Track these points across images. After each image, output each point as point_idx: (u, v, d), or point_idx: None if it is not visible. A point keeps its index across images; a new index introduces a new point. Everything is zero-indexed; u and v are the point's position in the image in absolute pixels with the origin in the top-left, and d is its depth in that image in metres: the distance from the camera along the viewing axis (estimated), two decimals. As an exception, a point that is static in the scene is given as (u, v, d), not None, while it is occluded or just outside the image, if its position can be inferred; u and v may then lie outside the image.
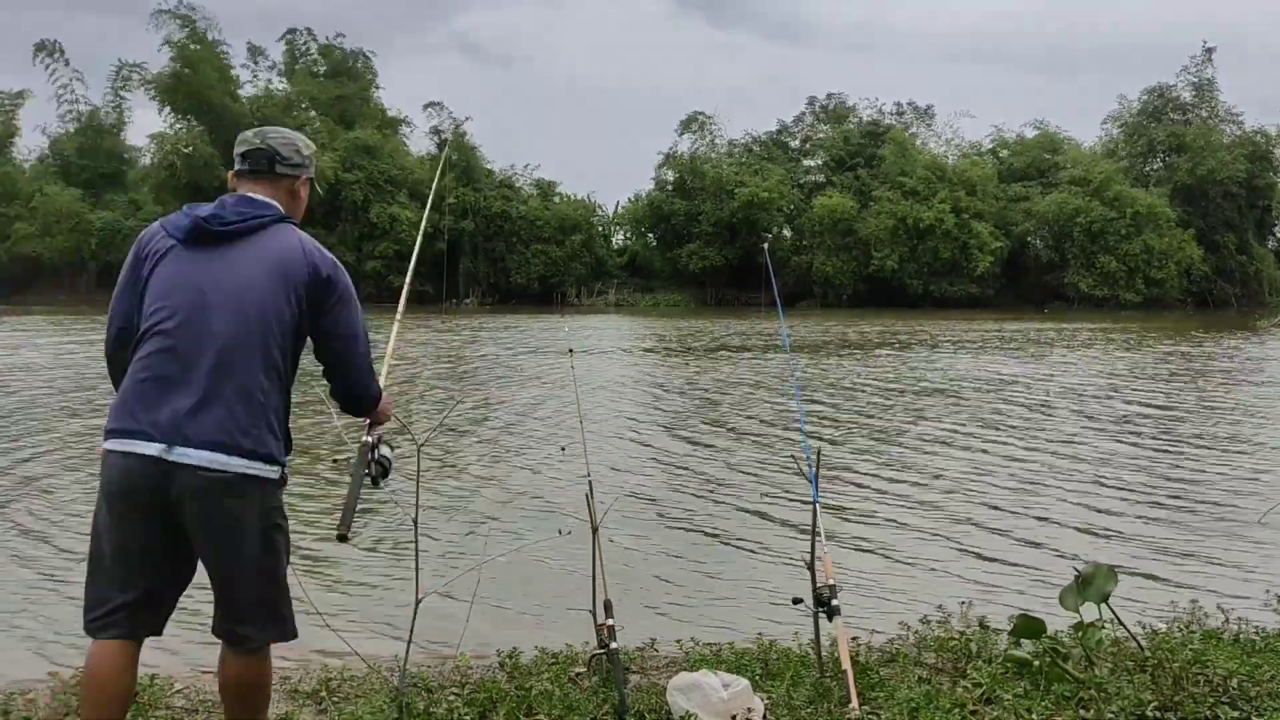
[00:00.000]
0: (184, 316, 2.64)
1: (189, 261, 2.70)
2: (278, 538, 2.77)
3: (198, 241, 2.71)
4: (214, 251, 2.70)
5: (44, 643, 4.89)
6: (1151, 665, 3.65)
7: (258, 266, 2.68)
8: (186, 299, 2.66)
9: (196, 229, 2.71)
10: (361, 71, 51.49)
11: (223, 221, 2.72)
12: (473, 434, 11.40)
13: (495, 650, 4.15)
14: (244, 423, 2.61)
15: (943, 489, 8.80)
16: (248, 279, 2.67)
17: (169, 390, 2.60)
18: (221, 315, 2.63)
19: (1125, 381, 17.50)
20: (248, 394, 2.62)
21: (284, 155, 2.88)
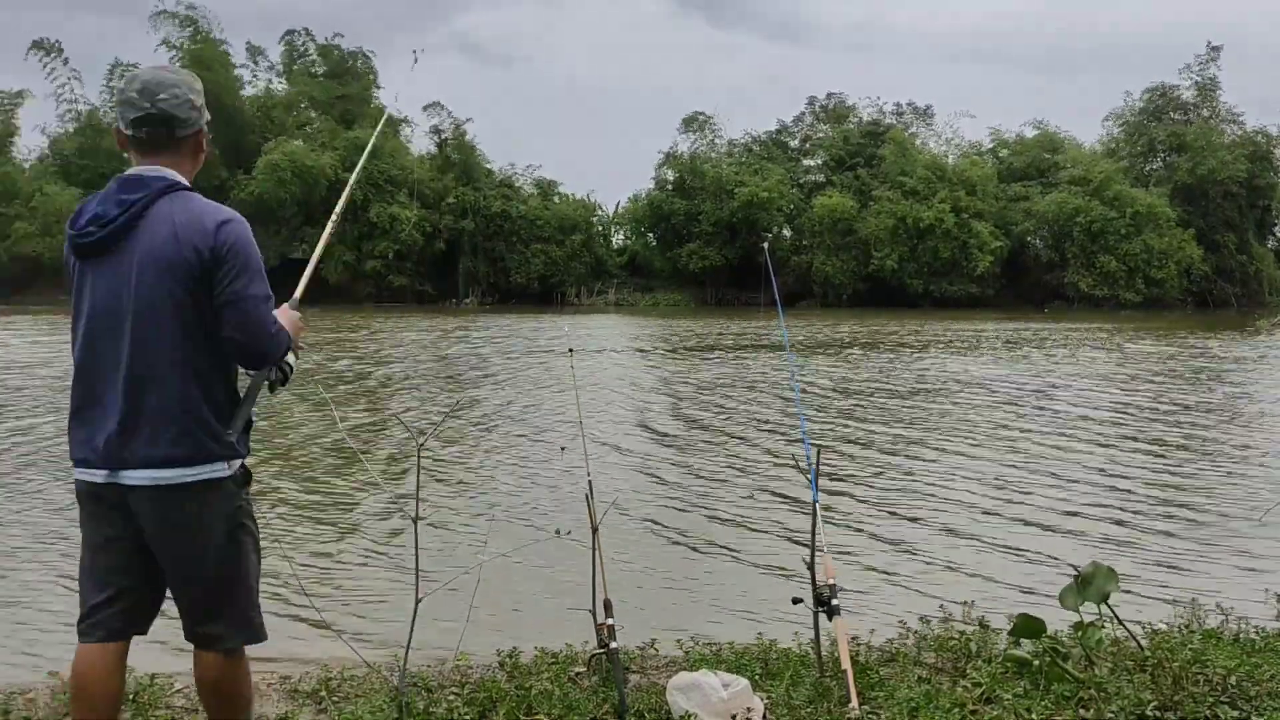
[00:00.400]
0: (87, 344, 2.61)
1: (88, 280, 2.61)
2: (243, 538, 2.72)
3: (86, 255, 2.60)
4: (103, 261, 2.58)
5: (44, 643, 4.90)
6: (1151, 665, 3.65)
7: (144, 272, 2.54)
8: (88, 325, 2.60)
9: (78, 247, 2.60)
10: (362, 72, 51.50)
11: (101, 223, 2.56)
12: (473, 434, 11.40)
13: (495, 650, 4.15)
14: (172, 433, 2.55)
15: (942, 488, 8.80)
16: (136, 290, 2.54)
17: (95, 419, 2.59)
18: (122, 336, 2.55)
19: (1125, 381, 17.50)
20: (166, 405, 2.55)
21: (181, 118, 2.62)
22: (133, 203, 2.56)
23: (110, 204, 2.57)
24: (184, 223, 2.55)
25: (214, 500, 2.62)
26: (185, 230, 2.54)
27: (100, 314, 2.58)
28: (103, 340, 2.58)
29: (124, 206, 2.55)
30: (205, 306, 2.57)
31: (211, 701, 2.80)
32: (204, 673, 2.76)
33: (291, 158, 42.19)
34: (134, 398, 2.55)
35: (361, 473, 8.97)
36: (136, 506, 2.59)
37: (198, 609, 2.71)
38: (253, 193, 42.09)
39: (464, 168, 48.49)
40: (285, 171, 41.87)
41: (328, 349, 22.06)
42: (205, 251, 2.53)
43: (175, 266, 2.53)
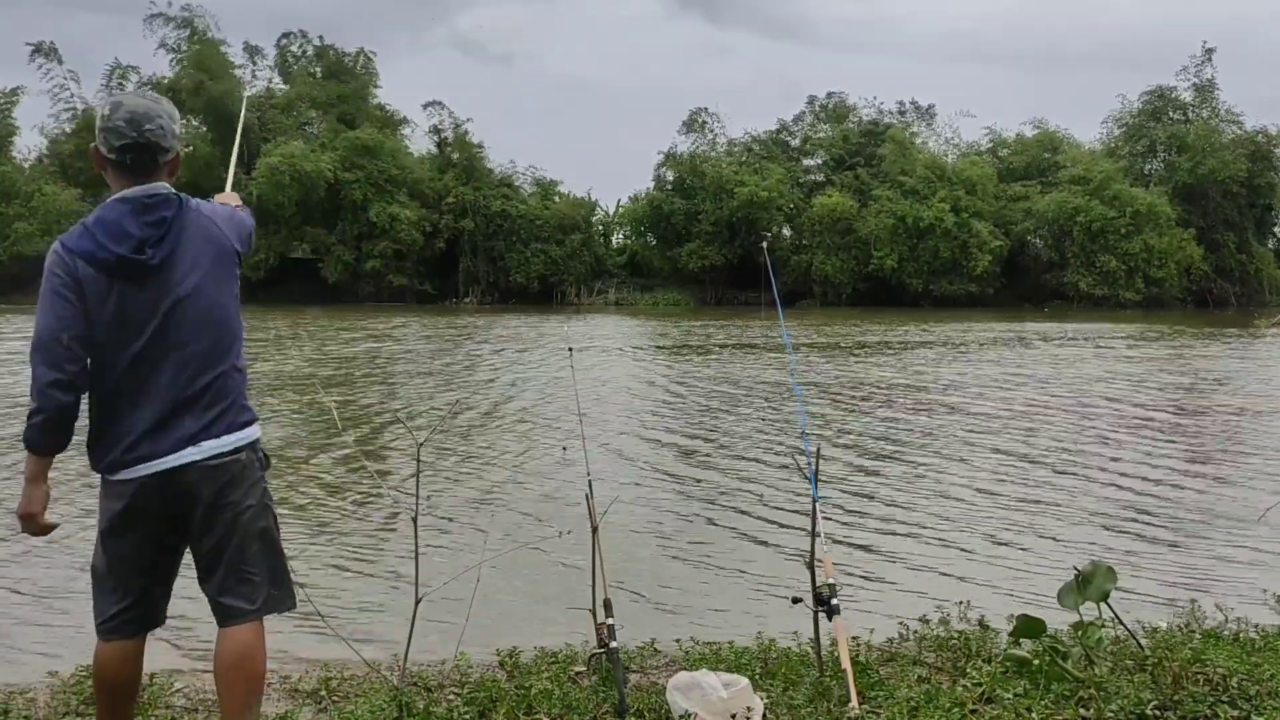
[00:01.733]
0: (138, 354, 2.73)
1: (129, 299, 2.69)
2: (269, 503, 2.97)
3: (143, 277, 2.69)
4: (159, 278, 2.71)
5: (44, 642, 4.90)
6: (1151, 664, 3.65)
7: (201, 269, 2.77)
8: (141, 336, 2.72)
9: (135, 270, 2.68)
10: (360, 71, 51.47)
11: (154, 244, 2.69)
12: (473, 434, 11.40)
13: (495, 649, 4.16)
14: (228, 406, 2.81)
15: (942, 488, 8.81)
16: (199, 286, 2.76)
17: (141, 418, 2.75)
18: (177, 332, 2.74)
19: (1125, 381, 17.50)
20: (223, 384, 2.81)
21: (165, 147, 2.77)
22: (169, 219, 2.74)
23: (143, 227, 2.70)
24: (223, 219, 2.86)
25: (254, 459, 2.87)
26: (225, 225, 2.85)
27: (154, 326, 2.71)
28: (155, 344, 2.71)
29: (164, 224, 2.72)
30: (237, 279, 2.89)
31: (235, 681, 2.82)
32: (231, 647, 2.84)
33: (290, 161, 42.14)
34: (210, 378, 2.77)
35: (361, 472, 8.97)
36: (189, 488, 2.73)
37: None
38: (252, 194, 42.10)
39: (466, 167, 48.46)
40: (284, 175, 41.86)
41: (328, 348, 22.06)
42: (244, 228, 2.95)
43: (227, 251, 2.83)
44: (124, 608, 2.81)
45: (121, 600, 2.81)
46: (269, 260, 43.08)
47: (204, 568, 2.84)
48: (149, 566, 2.83)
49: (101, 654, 2.83)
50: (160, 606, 2.92)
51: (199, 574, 2.86)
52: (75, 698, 3.66)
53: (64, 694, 3.74)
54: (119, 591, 2.81)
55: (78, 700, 3.62)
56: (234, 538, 2.79)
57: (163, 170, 2.80)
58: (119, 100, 2.76)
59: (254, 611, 2.82)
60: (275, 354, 20.39)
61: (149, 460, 2.70)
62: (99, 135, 2.74)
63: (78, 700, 3.62)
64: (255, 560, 2.83)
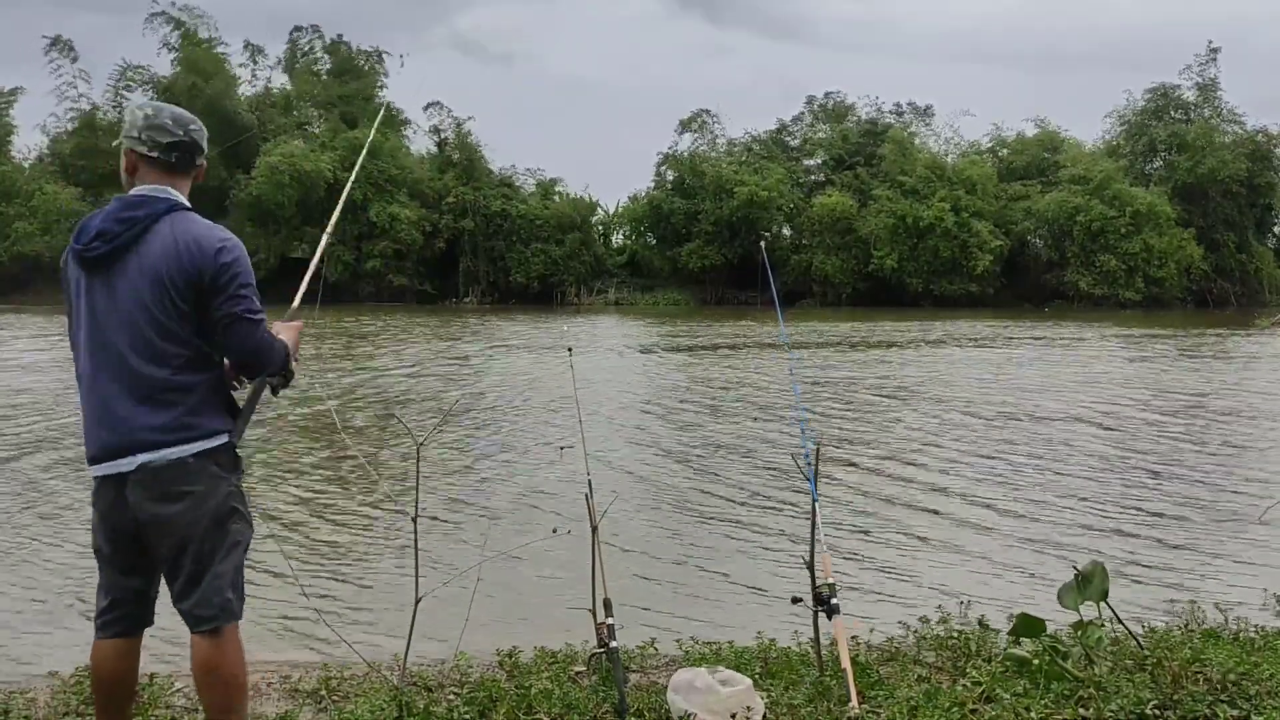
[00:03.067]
0: (90, 351, 2.77)
1: (90, 292, 2.78)
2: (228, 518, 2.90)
3: (91, 269, 2.77)
4: (107, 274, 2.75)
5: (43, 642, 4.90)
6: (1151, 664, 3.65)
7: (144, 283, 2.72)
8: (90, 334, 2.77)
9: (82, 261, 2.78)
10: (366, 70, 51.43)
11: (107, 238, 2.74)
12: (472, 434, 11.40)
13: (495, 649, 4.16)
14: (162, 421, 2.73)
15: (942, 487, 8.81)
16: (137, 299, 2.72)
17: (102, 418, 2.77)
18: (119, 341, 2.73)
19: (1124, 381, 17.50)
20: (157, 400, 2.74)
21: (202, 148, 2.94)
22: (136, 220, 2.75)
23: (113, 221, 2.76)
24: (186, 241, 2.74)
25: (210, 471, 2.77)
26: (186, 249, 2.73)
27: (101, 323, 2.75)
28: (105, 348, 2.75)
29: (128, 224, 2.75)
30: (198, 317, 2.75)
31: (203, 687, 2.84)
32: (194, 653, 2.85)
33: (290, 160, 42.11)
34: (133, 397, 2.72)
35: (361, 472, 8.97)
36: (132, 493, 2.73)
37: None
38: (252, 194, 42.05)
39: (467, 167, 48.42)
40: (283, 175, 41.82)
41: (326, 346, 22.05)
42: (205, 271, 2.73)
43: (175, 280, 2.71)
44: (110, 604, 2.87)
45: (108, 597, 2.88)
46: (269, 260, 43.06)
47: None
48: (129, 568, 2.86)
49: (95, 651, 2.88)
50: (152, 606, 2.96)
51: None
52: (75, 698, 3.66)
53: (64, 694, 3.74)
54: (103, 589, 2.89)
55: (78, 700, 3.62)
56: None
57: (192, 174, 2.91)
58: (161, 105, 2.91)
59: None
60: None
61: (98, 461, 2.78)
62: (141, 134, 2.82)
63: (78, 700, 3.62)
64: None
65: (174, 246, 2.73)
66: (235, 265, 2.77)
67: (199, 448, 2.75)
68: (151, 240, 2.74)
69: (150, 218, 2.76)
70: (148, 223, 2.75)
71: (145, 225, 2.75)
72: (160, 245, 2.73)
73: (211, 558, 2.78)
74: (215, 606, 2.78)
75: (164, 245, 2.73)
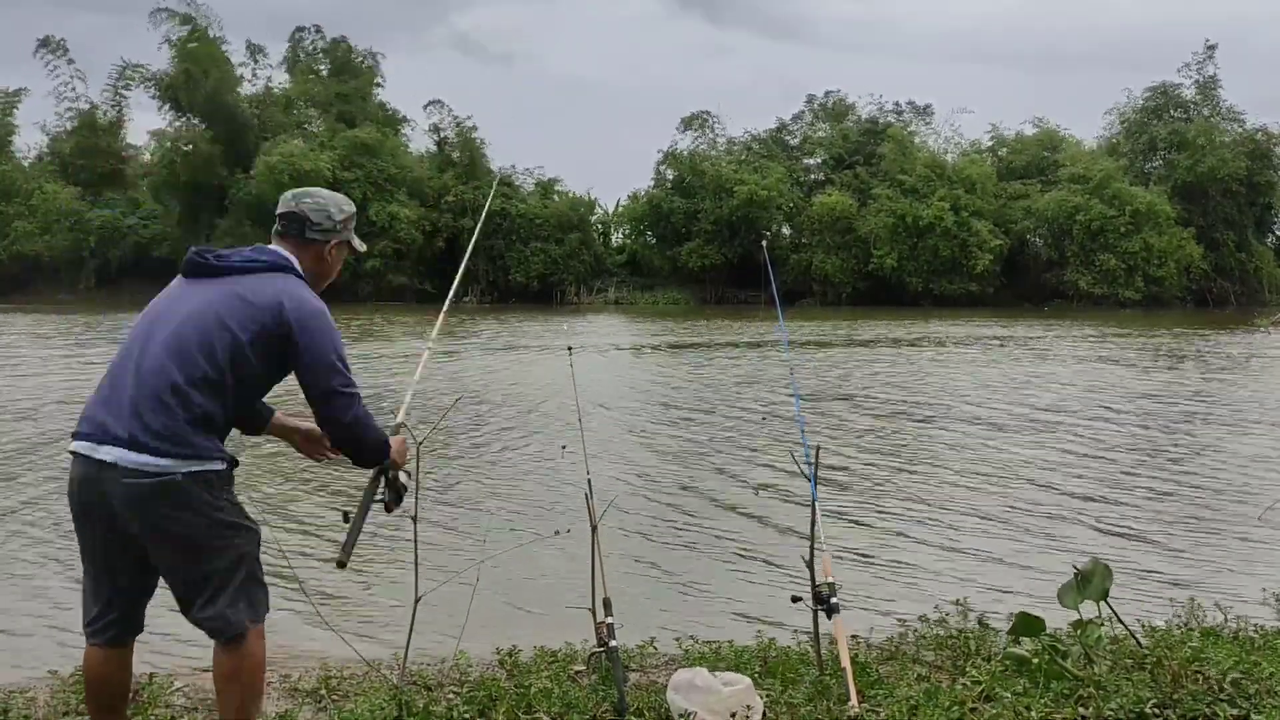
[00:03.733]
0: (133, 338, 2.84)
1: (174, 293, 2.91)
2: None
3: (190, 272, 2.91)
4: (198, 286, 2.87)
5: (43, 642, 4.90)
6: (1150, 663, 3.65)
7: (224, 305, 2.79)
8: (144, 323, 2.85)
9: (190, 262, 2.91)
10: (365, 71, 51.39)
11: (219, 258, 2.90)
12: (472, 432, 11.39)
13: (494, 648, 4.16)
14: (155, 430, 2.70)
15: (942, 487, 8.81)
16: (203, 311, 2.78)
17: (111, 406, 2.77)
18: (157, 338, 2.78)
19: (1124, 380, 17.50)
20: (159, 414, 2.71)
21: (314, 221, 3.01)
22: (251, 260, 2.90)
23: (234, 254, 2.92)
24: (288, 294, 2.84)
25: (202, 493, 2.75)
26: (288, 299, 2.83)
27: (162, 317, 2.82)
28: (144, 339, 2.80)
29: (244, 260, 2.90)
30: (255, 366, 2.81)
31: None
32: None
33: (289, 160, 42.08)
34: (152, 390, 2.71)
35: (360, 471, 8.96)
36: (116, 497, 2.71)
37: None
38: (251, 193, 42.03)
39: (466, 166, 48.40)
40: (283, 174, 41.78)
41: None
42: (291, 327, 2.80)
43: (256, 320, 2.78)
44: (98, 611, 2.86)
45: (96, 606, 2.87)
46: (268, 260, 43.05)
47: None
48: (116, 570, 2.86)
49: (87, 657, 2.89)
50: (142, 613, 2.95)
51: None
52: (75, 697, 3.65)
53: (64, 693, 3.74)
54: (90, 594, 2.88)
55: (77, 700, 3.62)
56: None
57: (309, 249, 3.00)
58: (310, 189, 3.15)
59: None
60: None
61: (85, 440, 2.81)
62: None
63: (77, 700, 3.62)
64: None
65: (275, 292, 2.82)
66: (323, 334, 2.84)
67: (192, 468, 2.71)
68: (256, 280, 2.85)
69: (266, 264, 2.89)
70: (262, 267, 2.88)
71: (260, 268, 2.88)
72: (263, 286, 2.83)
73: (214, 575, 2.78)
74: (227, 620, 2.79)
75: (267, 288, 2.83)
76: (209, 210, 45.03)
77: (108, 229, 44.68)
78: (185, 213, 45.35)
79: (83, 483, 2.75)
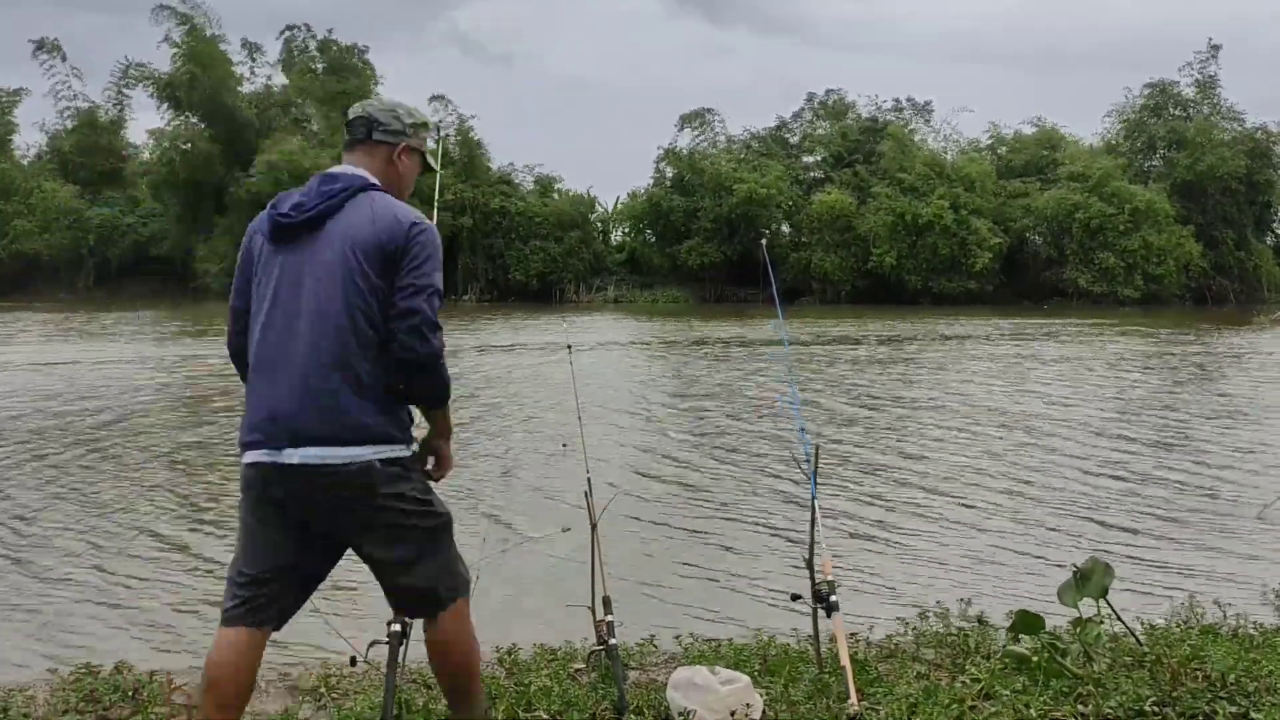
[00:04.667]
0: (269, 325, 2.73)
1: (276, 264, 2.76)
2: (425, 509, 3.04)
3: (281, 239, 2.77)
4: (297, 247, 2.74)
5: (42, 640, 4.89)
6: (1150, 661, 3.66)
7: (335, 250, 2.70)
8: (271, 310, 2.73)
9: (275, 227, 2.78)
10: (361, 68, 51.32)
11: (301, 209, 2.75)
12: (471, 430, 11.39)
13: (494, 646, 4.16)
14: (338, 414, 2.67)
15: (941, 485, 8.81)
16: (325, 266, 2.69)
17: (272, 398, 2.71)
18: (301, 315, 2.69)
19: (1122, 378, 17.50)
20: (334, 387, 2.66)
21: (382, 122, 2.91)
22: (333, 194, 2.77)
23: (311, 194, 2.78)
24: (381, 214, 2.76)
25: (394, 477, 2.76)
26: (381, 222, 2.74)
27: (285, 297, 2.71)
28: (284, 325, 2.70)
29: (324, 197, 2.76)
30: (382, 299, 2.69)
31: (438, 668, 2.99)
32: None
33: (288, 158, 42.05)
34: (316, 376, 2.64)
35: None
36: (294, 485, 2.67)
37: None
38: (251, 190, 42.00)
39: (465, 164, 48.36)
40: (282, 172, 41.74)
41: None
42: (396, 243, 2.72)
43: (369, 251, 2.69)
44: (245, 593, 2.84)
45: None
46: (268, 258, 43.02)
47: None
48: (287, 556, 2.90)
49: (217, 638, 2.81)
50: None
51: None
52: (75, 695, 3.65)
53: (63, 692, 3.73)
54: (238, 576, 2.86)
55: (77, 698, 3.62)
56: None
57: (378, 152, 2.90)
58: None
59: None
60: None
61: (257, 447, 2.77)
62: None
63: (77, 698, 3.62)
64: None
65: (370, 216, 2.74)
66: (428, 243, 2.78)
67: (385, 453, 2.72)
68: (347, 212, 2.75)
69: (347, 193, 2.77)
70: (345, 197, 2.77)
71: (343, 199, 2.76)
72: (357, 216, 2.74)
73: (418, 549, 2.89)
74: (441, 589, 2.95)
75: (361, 215, 2.74)
76: (208, 209, 45.00)
77: (107, 227, 44.67)
78: (184, 211, 45.34)
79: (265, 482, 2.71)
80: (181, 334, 25.33)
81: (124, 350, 20.70)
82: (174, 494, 8.25)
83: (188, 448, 10.27)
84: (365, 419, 2.67)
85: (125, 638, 4.84)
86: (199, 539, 6.91)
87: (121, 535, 6.94)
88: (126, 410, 12.57)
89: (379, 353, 2.69)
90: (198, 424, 11.78)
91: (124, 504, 7.86)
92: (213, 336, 21.97)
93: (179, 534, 7.03)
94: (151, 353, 20.67)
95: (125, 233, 45.32)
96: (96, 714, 3.53)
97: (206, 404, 13.26)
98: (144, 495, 8.18)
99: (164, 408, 13.12)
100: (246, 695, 2.80)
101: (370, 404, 2.68)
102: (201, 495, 8.24)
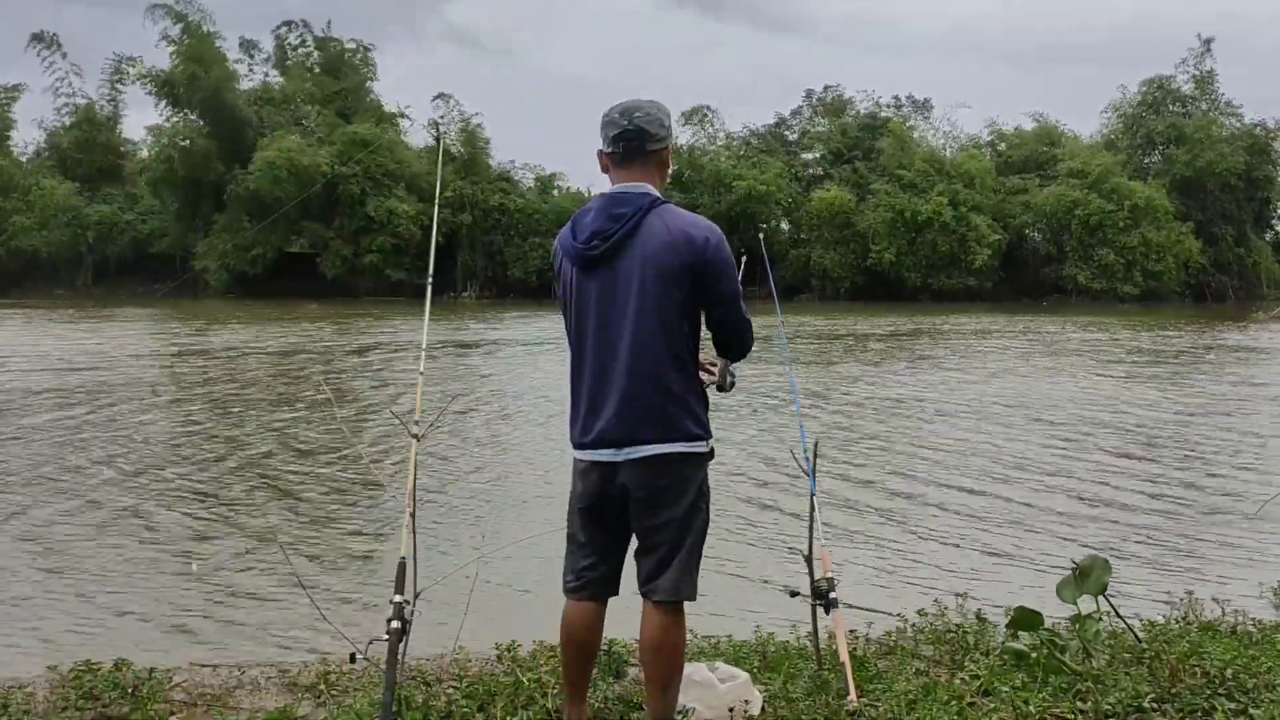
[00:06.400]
0: (596, 343, 2.95)
1: (589, 290, 2.94)
2: (704, 505, 3.11)
3: (590, 267, 2.93)
4: (603, 273, 2.91)
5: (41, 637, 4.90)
6: (1149, 657, 3.66)
7: (645, 277, 2.87)
8: (597, 329, 2.93)
9: (583, 261, 2.93)
10: (359, 65, 51.28)
11: (605, 236, 2.88)
12: (471, 427, 11.39)
13: (494, 642, 4.15)
14: (662, 416, 2.92)
15: (940, 483, 8.81)
16: (639, 293, 2.87)
17: (601, 408, 2.96)
18: (624, 335, 2.90)
19: (1121, 375, 17.51)
20: (657, 393, 2.91)
21: (652, 133, 2.96)
22: (626, 217, 2.89)
23: (605, 220, 2.91)
24: (677, 231, 2.89)
25: (689, 472, 2.97)
26: (679, 240, 2.88)
27: (605, 320, 2.92)
28: (607, 344, 2.92)
29: (620, 220, 2.89)
30: (692, 307, 2.95)
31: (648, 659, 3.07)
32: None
33: (287, 155, 42.01)
34: (634, 387, 2.89)
35: (358, 466, 8.97)
36: (629, 478, 2.92)
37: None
38: (249, 188, 41.97)
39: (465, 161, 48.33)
40: (281, 170, 41.72)
41: (326, 339, 22.03)
42: (698, 259, 2.88)
43: (673, 272, 2.87)
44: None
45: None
46: (266, 255, 42.99)
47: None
48: (607, 540, 3.10)
49: (567, 611, 3.11)
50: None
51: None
52: (74, 692, 3.65)
53: (62, 688, 3.73)
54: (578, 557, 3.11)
55: (76, 694, 3.62)
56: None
57: (651, 161, 2.97)
58: (624, 102, 3.01)
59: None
60: (272, 351, 20.35)
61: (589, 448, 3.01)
62: (601, 135, 2.99)
63: (76, 694, 3.62)
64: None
65: (668, 237, 2.86)
66: (722, 252, 2.93)
67: (681, 448, 2.92)
68: (644, 234, 2.87)
69: (639, 213, 2.88)
70: (639, 218, 2.88)
71: (637, 221, 2.88)
72: (654, 238, 2.87)
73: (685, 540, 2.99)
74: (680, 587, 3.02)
75: (658, 238, 2.87)
76: (207, 206, 44.98)
77: (105, 225, 44.66)
78: (183, 208, 45.32)
79: (598, 478, 2.97)
80: (182, 332, 25.33)
81: (125, 344, 20.69)
82: (174, 492, 8.25)
83: (188, 446, 10.27)
84: (681, 423, 2.94)
85: (124, 635, 4.83)
86: (199, 535, 6.91)
87: (121, 531, 6.95)
88: (125, 404, 12.57)
89: (689, 362, 2.98)
90: (197, 421, 11.77)
91: (124, 501, 7.86)
92: (215, 332, 21.99)
93: (179, 530, 7.03)
94: (151, 347, 20.66)
95: (124, 230, 45.30)
96: (95, 711, 3.52)
97: (205, 400, 13.26)
98: (144, 492, 8.18)
99: (164, 405, 13.12)
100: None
101: (680, 410, 2.94)
102: (202, 493, 8.24)
